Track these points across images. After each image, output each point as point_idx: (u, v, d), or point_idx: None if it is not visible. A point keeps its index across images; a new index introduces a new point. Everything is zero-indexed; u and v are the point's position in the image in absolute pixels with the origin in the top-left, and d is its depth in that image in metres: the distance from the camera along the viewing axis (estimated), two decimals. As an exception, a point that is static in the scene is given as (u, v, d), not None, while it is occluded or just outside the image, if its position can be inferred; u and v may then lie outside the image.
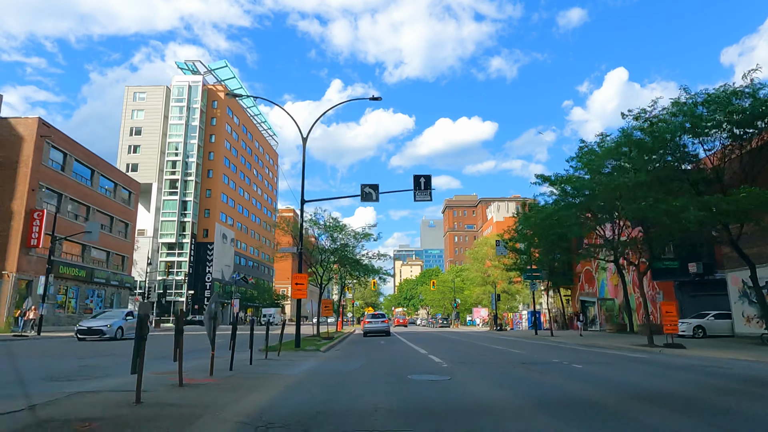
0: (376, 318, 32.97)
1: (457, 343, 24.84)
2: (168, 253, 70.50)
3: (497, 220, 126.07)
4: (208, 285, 71.01)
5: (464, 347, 21.04)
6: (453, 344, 23.49)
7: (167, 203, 70.71)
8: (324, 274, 29.39)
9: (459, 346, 22.18)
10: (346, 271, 35.48)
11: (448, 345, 22.73)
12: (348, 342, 25.28)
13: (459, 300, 71.24)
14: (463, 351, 18.46)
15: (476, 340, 28.83)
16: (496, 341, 26.23)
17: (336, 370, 11.33)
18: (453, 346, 22.18)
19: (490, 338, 30.79)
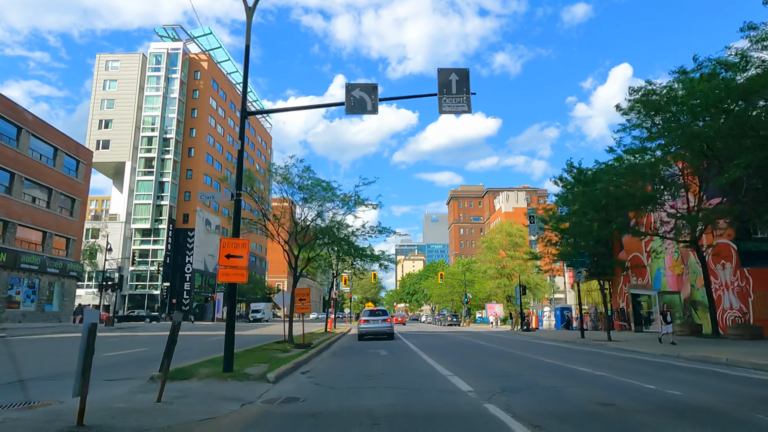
0: (375, 316, 24.99)
1: (488, 352, 17.02)
2: (142, 240, 62.66)
3: (506, 211, 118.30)
4: (188, 276, 63.20)
5: (505, 362, 13.40)
6: (484, 355, 15.68)
7: (142, 184, 62.82)
8: (302, 254, 21.41)
9: (495, 359, 14.40)
10: (334, 253, 27.63)
11: (477, 357, 15.01)
12: (332, 352, 17.34)
13: (470, 294, 63.28)
14: (514, 372, 10.73)
15: (507, 345, 20.96)
16: (536, 348, 18.37)
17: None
18: (486, 359, 14.43)
19: (522, 343, 22.90)
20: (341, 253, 29.10)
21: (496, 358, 14.98)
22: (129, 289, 60.98)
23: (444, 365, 12.15)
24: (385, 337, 24.04)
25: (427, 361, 13.45)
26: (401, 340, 24.31)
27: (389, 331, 23.82)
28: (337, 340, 24.09)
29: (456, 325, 57.63)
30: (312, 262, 28.90)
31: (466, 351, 17.94)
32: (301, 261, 20.92)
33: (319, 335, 26.07)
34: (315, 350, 16.49)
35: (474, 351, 17.85)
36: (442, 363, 12.59)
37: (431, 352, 16.34)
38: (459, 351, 17.90)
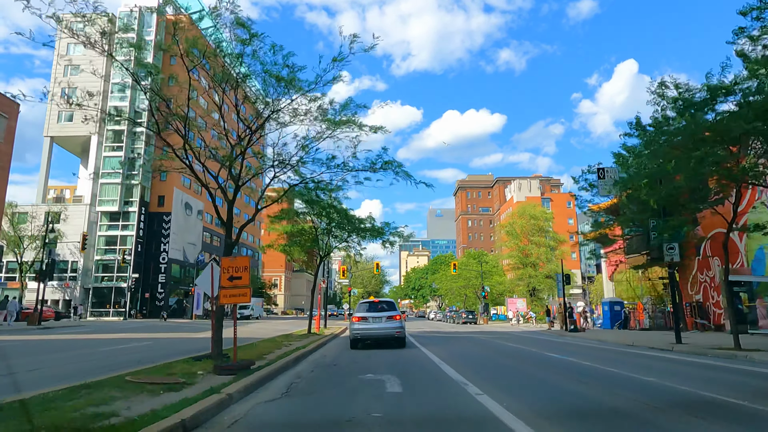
0: (376, 311, 15.98)
1: (594, 377, 8.35)
2: (109, 225, 54.46)
3: (518, 201, 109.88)
4: (163, 267, 55.01)
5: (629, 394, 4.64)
6: (595, 386, 7.03)
7: (109, 161, 54.59)
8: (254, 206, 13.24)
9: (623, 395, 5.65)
10: (310, 211, 19.68)
11: (587, 391, 6.23)
12: (288, 384, 8.79)
13: (488, 288, 54.85)
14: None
15: (600, 360, 12.43)
16: (643, 365, 9.77)
17: None
18: (612, 398, 5.68)
19: (609, 354, 14.42)
20: (329, 223, 20.82)
21: (618, 388, 6.58)
22: (93, 282, 52.83)
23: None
24: (393, 343, 15.71)
25: (502, 419, 5.11)
26: (417, 348, 15.94)
27: (399, 334, 15.38)
28: (317, 349, 15.71)
29: (472, 323, 49.31)
30: (289, 239, 20.77)
31: (552, 376, 9.58)
32: (237, 222, 12.73)
33: (293, 340, 17.74)
34: (254, 378, 8.14)
35: (565, 376, 9.49)
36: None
37: (489, 383, 7.99)
38: (536, 376, 9.55)
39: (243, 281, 9.22)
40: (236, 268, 9.29)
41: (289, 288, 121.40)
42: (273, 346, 14.70)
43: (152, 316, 52.29)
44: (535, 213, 53.29)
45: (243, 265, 9.33)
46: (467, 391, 7.16)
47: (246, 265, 9.35)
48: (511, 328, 39.79)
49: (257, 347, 14.08)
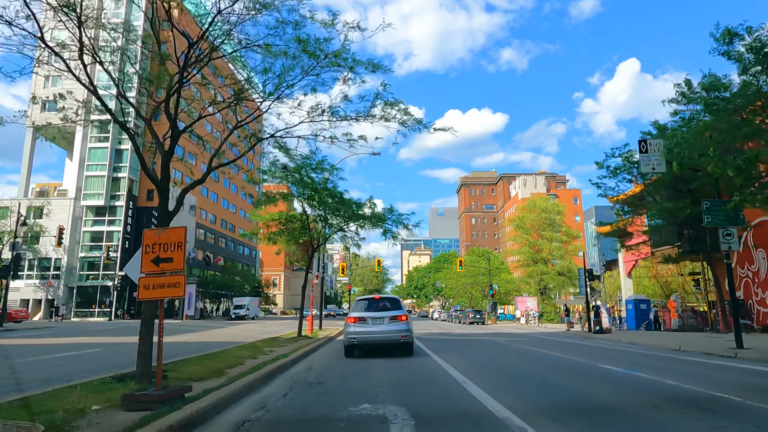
0: (377, 310, 12.76)
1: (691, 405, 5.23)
2: (95, 220, 51.47)
3: (523, 197, 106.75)
4: (153, 265, 51.87)
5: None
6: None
7: (95, 153, 51.64)
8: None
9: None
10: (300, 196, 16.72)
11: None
12: (238, 422, 5.65)
13: (496, 286, 51.63)
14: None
15: (661, 372, 9.27)
16: (730, 380, 6.68)
17: None
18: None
19: (665, 362, 11.27)
20: (323, 208, 17.81)
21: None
22: (78, 280, 49.85)
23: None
24: (398, 350, 12.66)
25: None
26: (427, 355, 12.85)
27: (405, 338, 12.24)
28: (303, 358, 12.63)
29: (480, 323, 46.22)
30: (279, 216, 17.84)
31: (643, 405, 6.49)
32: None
33: (277, 346, 14.67)
34: (180, 417, 5.04)
35: (662, 406, 6.40)
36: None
37: (559, 425, 4.90)
38: (618, 405, 6.45)
39: (175, 264, 6.18)
40: (165, 245, 6.27)
41: (289, 287, 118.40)
42: (247, 355, 11.66)
43: (141, 316, 49.26)
44: (546, 206, 50.15)
45: (176, 240, 6.32)
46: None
47: (180, 241, 6.32)
48: (525, 328, 36.70)
49: (223, 357, 11.03)
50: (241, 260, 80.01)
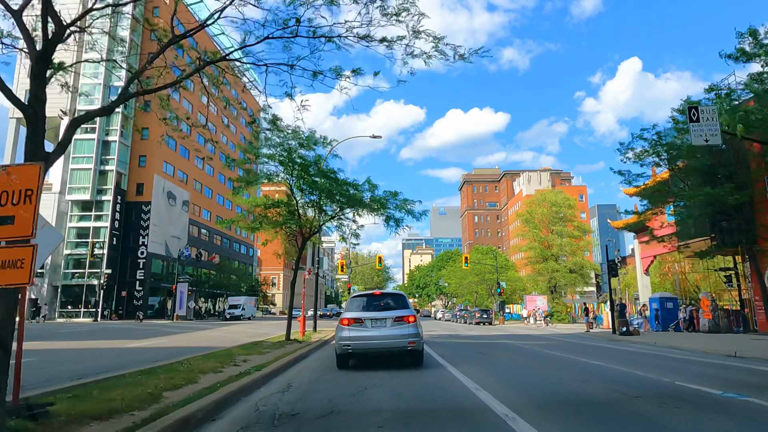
0: (378, 309, 9.99)
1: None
2: (81, 215, 48.89)
3: (527, 194, 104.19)
4: (142, 263, 49.42)
5: None
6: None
7: (80, 145, 49.06)
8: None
9: None
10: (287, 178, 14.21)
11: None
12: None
13: (504, 284, 48.88)
14: None
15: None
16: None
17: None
18: None
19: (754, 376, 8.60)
20: (313, 191, 15.22)
21: None
22: (63, 279, 47.28)
23: None
24: (404, 360, 10.06)
25: None
26: (442, 367, 10.17)
27: (413, 345, 9.51)
28: (285, 370, 9.94)
29: (487, 324, 43.57)
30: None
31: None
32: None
33: (256, 353, 12.01)
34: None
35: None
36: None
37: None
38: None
39: (18, 229, 3.61)
40: (8, 191, 3.69)
41: (288, 287, 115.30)
42: (211, 367, 9.04)
43: (130, 316, 46.76)
44: (557, 200, 47.43)
45: (23, 187, 3.80)
46: None
47: (31, 189, 3.82)
48: (537, 329, 34.04)
49: (175, 371, 8.41)
50: (237, 258, 77.46)
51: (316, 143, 15.63)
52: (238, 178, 15.88)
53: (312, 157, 15.93)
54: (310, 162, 15.68)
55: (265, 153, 15.72)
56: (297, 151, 15.36)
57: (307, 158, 15.74)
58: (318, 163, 15.70)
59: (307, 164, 15.44)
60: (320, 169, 15.76)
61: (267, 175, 15.55)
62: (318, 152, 16.02)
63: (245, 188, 15.77)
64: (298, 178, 15.33)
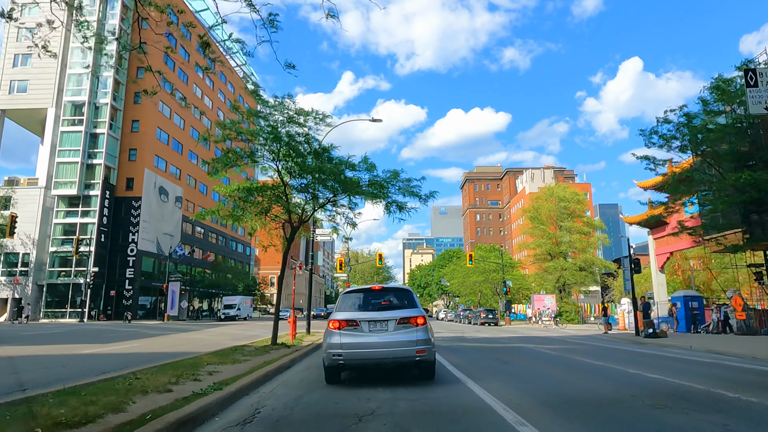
0: (376, 309, 7.80)
1: None
2: (68, 211, 46.75)
3: (531, 192, 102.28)
4: (132, 261, 47.29)
5: None
6: None
7: (67, 137, 46.94)
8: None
9: None
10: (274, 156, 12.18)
11: None
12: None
13: (510, 282, 46.67)
14: None
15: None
16: None
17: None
18: None
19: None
20: (298, 170, 13.08)
21: None
22: (48, 277, 45.14)
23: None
24: (412, 371, 7.94)
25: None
26: (460, 383, 7.99)
27: (423, 354, 7.36)
28: (259, 385, 7.74)
29: (492, 324, 41.47)
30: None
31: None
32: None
33: (232, 361, 9.81)
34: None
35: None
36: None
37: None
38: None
39: None
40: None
41: (288, 286, 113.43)
42: (163, 383, 6.94)
43: (119, 317, 44.66)
44: (565, 195, 45.22)
45: None
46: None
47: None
48: (547, 330, 31.88)
49: (114, 389, 6.26)
50: (234, 257, 75.33)
51: (307, 117, 13.48)
52: (214, 159, 13.72)
53: (302, 136, 13.77)
54: (299, 141, 13.54)
55: (246, 129, 13.57)
56: (285, 125, 13.23)
57: (295, 137, 13.61)
58: (309, 140, 13.53)
59: (295, 143, 13.29)
60: (312, 149, 13.62)
61: (249, 154, 13.40)
62: (311, 132, 13.84)
63: (223, 171, 13.63)
64: (285, 157, 13.18)
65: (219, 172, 13.61)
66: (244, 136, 13.49)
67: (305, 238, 19.15)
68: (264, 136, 13.24)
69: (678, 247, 36.77)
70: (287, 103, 13.27)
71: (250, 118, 13.34)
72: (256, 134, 13.27)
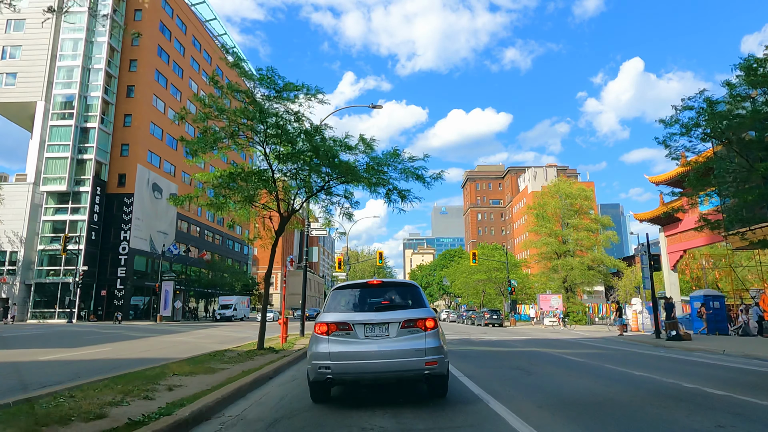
0: (378, 311, 6.13)
1: None
2: (57, 208, 45.18)
3: (533, 190, 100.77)
4: (123, 259, 45.71)
5: None
6: None
7: (56, 131, 45.36)
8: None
9: None
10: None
11: None
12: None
13: (515, 282, 45.00)
14: None
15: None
16: None
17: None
18: None
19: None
20: (293, 154, 11.55)
21: None
22: (37, 276, 43.57)
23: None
24: (420, 388, 6.34)
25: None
26: (479, 401, 6.39)
27: (432, 366, 5.84)
28: (218, 411, 6.14)
29: (497, 325, 39.89)
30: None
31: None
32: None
33: (203, 371, 8.18)
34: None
35: None
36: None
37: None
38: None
39: None
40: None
41: (288, 286, 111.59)
42: (101, 403, 5.42)
43: (110, 317, 43.08)
44: (571, 191, 43.60)
45: None
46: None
47: None
48: (558, 332, 30.28)
49: (32, 414, 4.66)
50: (231, 256, 73.73)
51: (297, 93, 11.87)
52: (190, 141, 12.12)
53: (291, 114, 12.16)
54: (288, 119, 11.95)
55: (229, 108, 11.99)
56: (271, 100, 11.65)
57: (283, 115, 12.03)
58: (299, 118, 11.92)
59: (284, 121, 11.71)
60: (303, 129, 12.03)
61: (230, 135, 11.81)
62: (301, 109, 12.20)
63: (203, 154, 12.06)
64: (272, 138, 11.59)
65: (198, 155, 12.02)
66: (226, 115, 11.91)
67: (300, 232, 17.58)
68: (249, 115, 11.66)
69: (693, 245, 35.18)
70: (273, 77, 11.67)
71: (231, 93, 11.73)
72: (238, 113, 11.68)
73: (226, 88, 11.74)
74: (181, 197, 13.05)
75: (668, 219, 35.67)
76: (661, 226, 37.94)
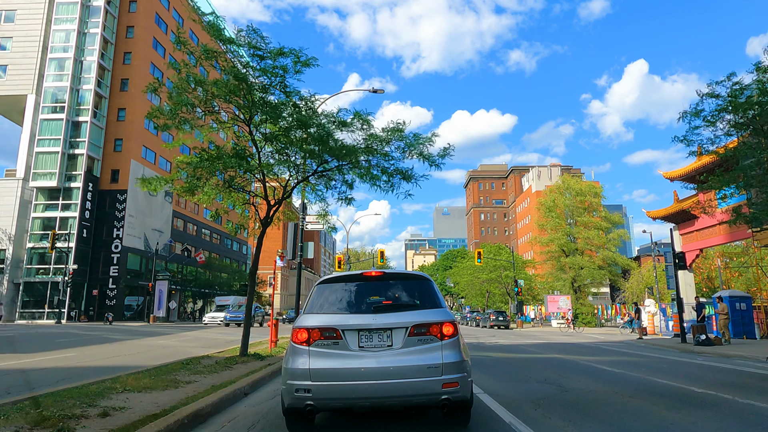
0: (377, 312, 4.49)
1: None
2: (47, 205, 43.66)
3: (537, 190, 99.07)
4: (116, 258, 44.16)
5: None
6: None
7: (47, 126, 43.85)
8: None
9: None
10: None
11: None
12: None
13: (522, 282, 43.36)
14: None
15: None
16: None
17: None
18: None
19: None
20: (279, 131, 9.86)
21: None
22: (26, 275, 42.04)
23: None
24: (434, 414, 4.70)
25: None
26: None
27: (453, 389, 4.35)
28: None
29: (503, 327, 38.25)
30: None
31: None
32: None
33: (131, 396, 6.52)
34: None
35: None
36: None
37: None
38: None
39: None
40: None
41: (287, 287, 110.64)
42: None
43: (101, 318, 41.51)
44: (581, 188, 41.96)
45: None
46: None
47: None
48: (569, 335, 28.62)
49: None
50: (230, 255, 72.18)
51: (285, 62, 10.21)
52: (152, 111, 10.53)
53: (276, 85, 10.53)
54: (272, 92, 10.35)
55: (202, 79, 10.40)
56: (253, 70, 10.05)
57: (270, 89, 10.44)
58: (286, 90, 10.29)
59: (268, 91, 10.10)
60: (291, 102, 10.41)
61: (207, 110, 10.23)
62: (288, 78, 10.56)
63: (174, 127, 10.49)
64: (252, 108, 9.98)
65: (166, 126, 10.43)
66: (205, 87, 10.32)
67: (293, 225, 15.95)
68: (229, 87, 10.06)
69: (710, 243, 33.44)
70: (256, 40, 10.03)
71: (207, 60, 10.13)
72: (215, 84, 10.08)
73: (199, 52, 10.14)
74: (152, 179, 11.45)
75: (683, 216, 34.00)
76: (675, 224, 36.19)
